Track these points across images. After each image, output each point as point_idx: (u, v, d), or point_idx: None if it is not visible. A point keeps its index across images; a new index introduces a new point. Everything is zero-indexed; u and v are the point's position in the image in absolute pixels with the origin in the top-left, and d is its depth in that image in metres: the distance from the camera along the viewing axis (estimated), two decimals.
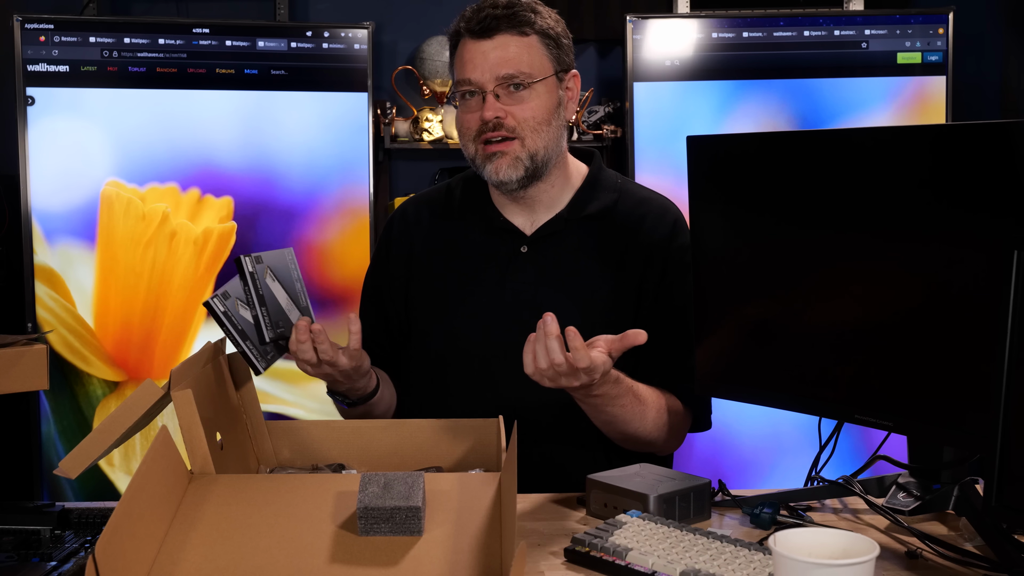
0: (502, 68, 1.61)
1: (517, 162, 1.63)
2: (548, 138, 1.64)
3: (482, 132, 1.63)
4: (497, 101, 1.61)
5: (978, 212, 1.25)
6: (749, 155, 1.52)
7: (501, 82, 1.61)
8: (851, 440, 2.63)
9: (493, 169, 1.63)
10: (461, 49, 1.65)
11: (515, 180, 1.63)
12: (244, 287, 1.45)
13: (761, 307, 1.51)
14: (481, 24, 1.61)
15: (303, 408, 3.17)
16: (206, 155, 3.14)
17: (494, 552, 1.09)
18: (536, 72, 1.63)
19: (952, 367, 1.29)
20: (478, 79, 1.61)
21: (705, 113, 3.18)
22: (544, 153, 1.64)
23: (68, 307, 3.08)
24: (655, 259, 1.69)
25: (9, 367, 1.41)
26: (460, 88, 1.65)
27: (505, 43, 1.61)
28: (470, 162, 1.68)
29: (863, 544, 1.02)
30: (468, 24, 1.63)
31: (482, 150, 1.64)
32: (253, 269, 1.45)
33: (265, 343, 1.46)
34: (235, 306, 1.44)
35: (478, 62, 1.61)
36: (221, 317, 1.41)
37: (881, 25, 3.19)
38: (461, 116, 1.66)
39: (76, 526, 1.36)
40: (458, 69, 1.65)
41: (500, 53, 1.61)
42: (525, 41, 1.63)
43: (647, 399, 1.59)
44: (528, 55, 1.62)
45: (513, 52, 1.61)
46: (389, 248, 1.80)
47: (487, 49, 1.61)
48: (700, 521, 1.43)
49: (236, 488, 1.20)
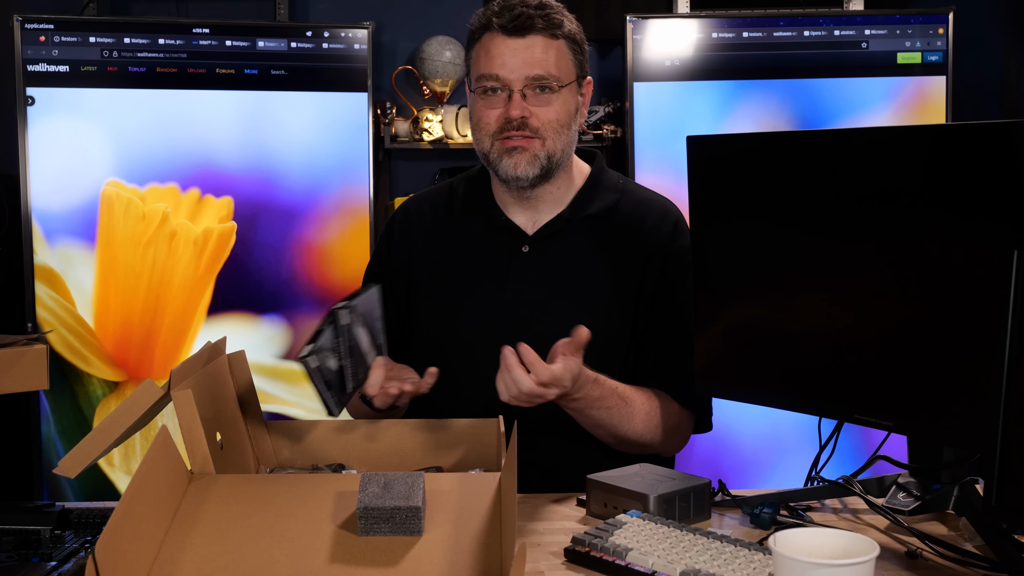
0: (533, 69, 1.61)
1: (535, 160, 1.63)
2: (566, 141, 1.65)
3: (503, 129, 1.62)
4: (523, 101, 1.61)
5: (978, 212, 1.25)
6: (749, 155, 1.52)
7: (530, 83, 1.61)
8: (851, 440, 2.63)
9: (512, 164, 1.63)
10: (488, 43, 1.64)
11: (531, 178, 1.63)
12: (335, 339, 1.43)
13: (761, 307, 1.51)
14: (515, 21, 1.61)
15: (303, 408, 3.17)
16: (206, 155, 3.14)
17: (494, 552, 1.09)
18: (563, 76, 1.63)
19: (952, 367, 1.29)
20: (507, 76, 1.61)
21: (705, 113, 3.18)
22: (560, 156, 1.65)
23: (68, 307, 3.08)
24: (655, 259, 1.69)
25: (9, 367, 1.41)
26: (484, 83, 1.64)
27: (536, 44, 1.61)
28: (482, 157, 1.67)
29: (863, 544, 1.02)
30: (500, 19, 1.62)
31: (500, 145, 1.63)
32: (348, 322, 1.44)
33: (345, 392, 1.47)
34: (325, 358, 1.43)
35: (507, 59, 1.61)
36: (313, 375, 1.40)
37: (881, 25, 3.19)
38: (481, 110, 1.65)
39: (76, 526, 1.36)
40: (484, 63, 1.64)
41: (531, 54, 1.61)
42: (555, 44, 1.63)
43: (633, 400, 1.60)
44: (556, 58, 1.63)
45: (543, 54, 1.62)
46: (390, 246, 1.80)
47: (518, 48, 1.61)
48: (700, 521, 1.43)
49: (236, 488, 1.20)
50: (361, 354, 1.49)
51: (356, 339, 1.47)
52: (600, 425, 1.58)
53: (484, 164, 1.69)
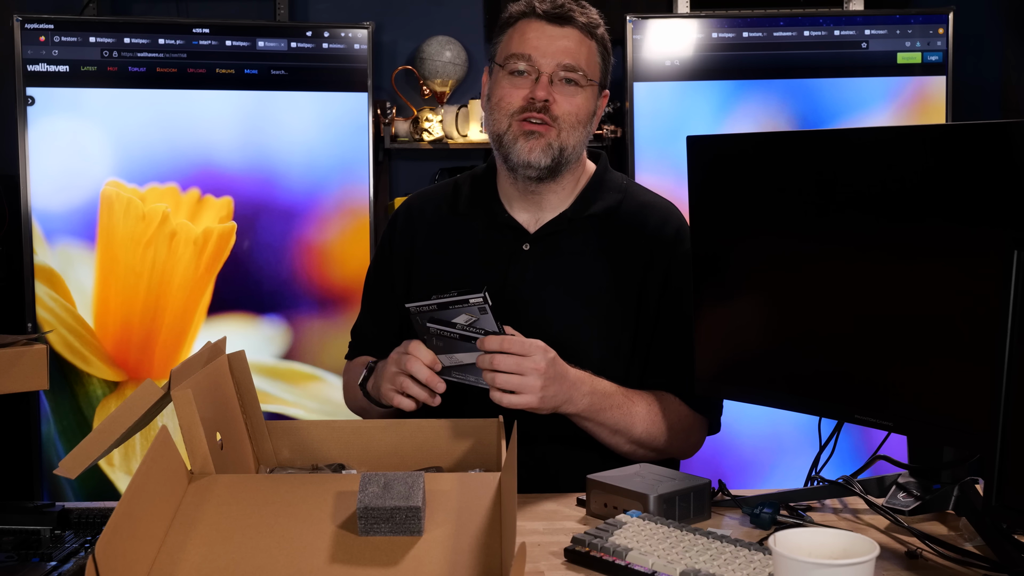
0: (566, 57, 1.63)
1: (549, 149, 1.63)
2: (578, 139, 1.66)
3: (525, 111, 1.63)
4: (550, 86, 1.62)
5: (978, 212, 1.25)
6: (749, 155, 1.52)
7: (559, 70, 1.63)
8: (851, 440, 2.63)
9: (527, 148, 1.63)
10: (524, 27, 1.66)
11: (541, 166, 1.64)
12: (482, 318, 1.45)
13: (761, 307, 1.51)
14: (557, 10, 1.64)
15: (303, 408, 3.17)
16: (206, 155, 3.14)
17: (494, 552, 1.09)
18: (590, 74, 1.66)
19: (952, 367, 1.29)
20: (539, 59, 1.63)
21: (705, 113, 3.18)
22: (571, 151, 1.65)
23: (68, 307, 3.08)
24: (657, 262, 1.69)
25: (9, 367, 1.41)
26: (514, 63, 1.64)
27: (572, 36, 1.65)
28: (495, 140, 1.67)
29: (863, 544, 1.02)
30: (542, 6, 1.65)
31: (518, 126, 1.64)
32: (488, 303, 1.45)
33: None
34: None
35: (543, 43, 1.63)
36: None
37: (881, 25, 3.19)
38: (505, 89, 1.65)
39: (76, 526, 1.36)
40: (516, 43, 1.65)
41: (567, 43, 1.64)
42: (589, 43, 1.66)
43: (635, 399, 1.61)
44: (588, 55, 1.66)
45: (577, 47, 1.64)
46: (392, 242, 1.80)
47: (555, 35, 1.64)
48: (700, 521, 1.43)
49: (236, 488, 1.20)
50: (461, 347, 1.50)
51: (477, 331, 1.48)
52: (617, 430, 1.59)
53: (495, 149, 1.69)
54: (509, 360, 1.45)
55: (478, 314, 1.45)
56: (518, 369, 1.45)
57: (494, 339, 1.45)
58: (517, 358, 1.45)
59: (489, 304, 1.43)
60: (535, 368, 1.45)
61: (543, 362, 1.46)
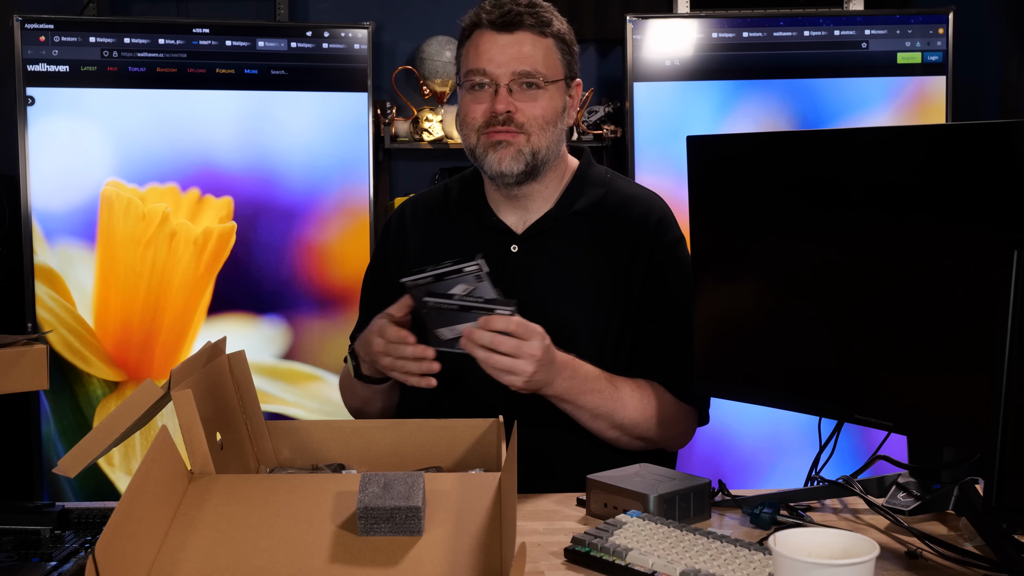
0: (520, 64, 1.62)
1: (520, 156, 1.63)
2: (551, 139, 1.66)
3: (489, 124, 1.63)
4: (509, 96, 1.62)
5: (978, 212, 1.25)
6: (749, 155, 1.52)
7: (516, 78, 1.62)
8: (851, 440, 2.63)
9: (496, 159, 1.64)
10: (477, 39, 1.65)
11: (515, 173, 1.64)
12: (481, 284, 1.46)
13: (761, 307, 1.51)
14: (504, 18, 1.63)
15: (303, 408, 3.17)
16: (206, 155, 3.14)
17: (494, 552, 1.09)
18: (550, 74, 1.65)
19: (952, 367, 1.29)
20: (494, 71, 1.62)
21: (705, 113, 3.18)
22: (545, 153, 1.65)
23: (68, 307, 3.08)
24: (641, 253, 1.69)
25: (9, 367, 1.41)
26: (472, 78, 1.65)
27: (524, 40, 1.63)
28: (469, 153, 1.69)
29: (863, 544, 1.02)
30: (489, 16, 1.64)
31: (485, 139, 1.64)
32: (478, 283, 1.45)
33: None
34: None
35: (495, 54, 1.62)
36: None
37: (881, 25, 3.19)
38: (468, 105, 1.66)
39: (76, 526, 1.36)
40: (472, 58, 1.65)
41: (519, 49, 1.63)
42: (543, 42, 1.65)
43: (622, 385, 1.62)
44: (544, 55, 1.64)
45: (531, 50, 1.63)
46: (386, 247, 1.82)
47: (506, 43, 1.63)
48: (700, 521, 1.43)
49: (236, 488, 1.20)
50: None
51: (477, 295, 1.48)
52: (597, 414, 1.59)
53: (472, 161, 1.70)
54: (510, 343, 1.46)
55: (475, 282, 1.44)
56: (516, 352, 1.46)
57: (499, 320, 1.45)
58: (518, 341, 1.46)
59: (486, 271, 1.42)
60: (531, 354, 1.47)
61: (539, 349, 1.47)
